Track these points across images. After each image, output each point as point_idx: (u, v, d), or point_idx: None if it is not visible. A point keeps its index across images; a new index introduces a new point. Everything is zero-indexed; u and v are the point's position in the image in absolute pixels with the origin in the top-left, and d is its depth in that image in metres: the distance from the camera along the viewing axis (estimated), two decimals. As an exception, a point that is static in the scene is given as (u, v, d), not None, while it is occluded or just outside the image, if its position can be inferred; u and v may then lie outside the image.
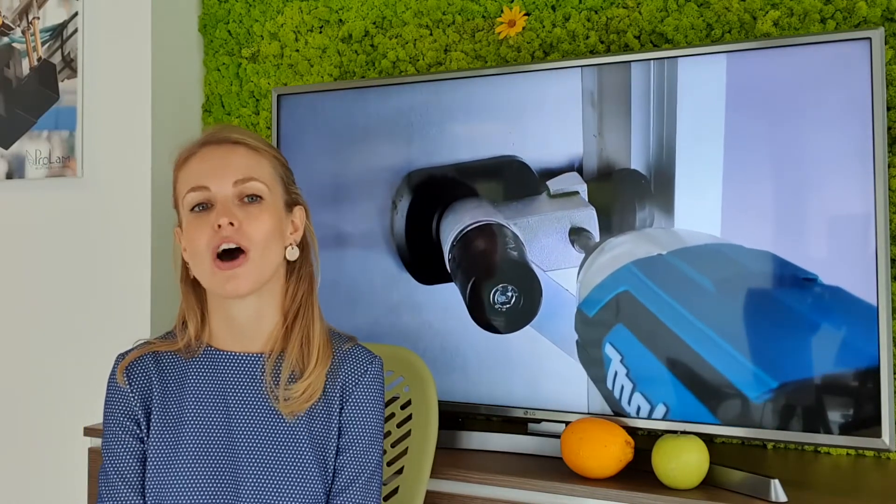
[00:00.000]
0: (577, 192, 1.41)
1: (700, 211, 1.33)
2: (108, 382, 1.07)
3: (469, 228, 1.49)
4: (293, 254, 1.06)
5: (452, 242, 1.50)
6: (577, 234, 1.41)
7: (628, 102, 1.38)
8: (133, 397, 1.04)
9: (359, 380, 1.06)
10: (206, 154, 1.04)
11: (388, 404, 1.24)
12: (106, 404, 1.06)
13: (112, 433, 1.04)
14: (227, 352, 1.06)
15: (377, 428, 1.06)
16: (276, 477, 1.01)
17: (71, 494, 1.87)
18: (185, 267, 1.07)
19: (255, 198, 1.02)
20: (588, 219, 1.40)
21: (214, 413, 1.03)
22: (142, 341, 1.10)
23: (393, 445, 1.24)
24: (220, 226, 0.99)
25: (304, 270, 1.09)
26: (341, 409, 1.05)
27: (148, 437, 1.03)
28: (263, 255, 1.01)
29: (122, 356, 1.07)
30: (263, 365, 1.05)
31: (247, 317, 1.05)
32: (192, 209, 1.02)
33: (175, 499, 1.00)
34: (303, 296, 1.08)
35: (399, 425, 1.26)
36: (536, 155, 1.45)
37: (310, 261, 1.11)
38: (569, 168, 1.42)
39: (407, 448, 1.23)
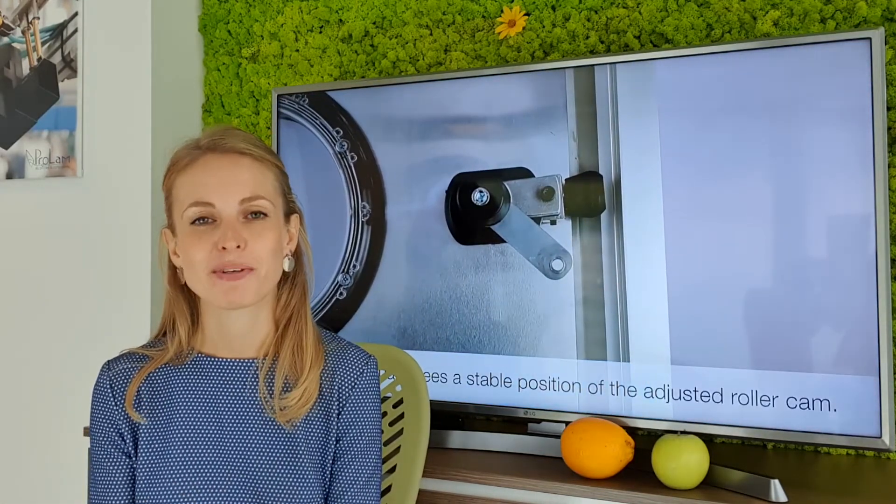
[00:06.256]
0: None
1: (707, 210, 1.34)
2: (94, 393, 1.04)
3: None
4: (289, 265, 1.05)
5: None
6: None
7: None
8: (118, 410, 1.02)
9: (355, 383, 1.04)
10: (209, 164, 0.99)
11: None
12: (92, 417, 1.03)
13: (100, 447, 1.02)
14: (218, 358, 1.04)
15: (375, 430, 1.05)
16: (274, 486, 0.99)
17: (70, 494, 1.87)
18: (172, 269, 1.04)
19: (259, 214, 1.00)
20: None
21: (205, 422, 1.01)
22: (127, 351, 1.07)
23: (385, 444, 1.24)
24: (224, 248, 0.96)
25: (298, 279, 1.07)
26: (339, 413, 1.03)
27: (136, 450, 1.01)
28: (268, 270, 1.00)
29: (108, 365, 1.05)
30: (256, 371, 1.03)
31: (241, 325, 1.03)
32: (193, 222, 0.99)
33: None
34: (296, 304, 1.06)
35: (391, 423, 1.26)
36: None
37: (305, 269, 1.09)
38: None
39: (399, 446, 1.23)
